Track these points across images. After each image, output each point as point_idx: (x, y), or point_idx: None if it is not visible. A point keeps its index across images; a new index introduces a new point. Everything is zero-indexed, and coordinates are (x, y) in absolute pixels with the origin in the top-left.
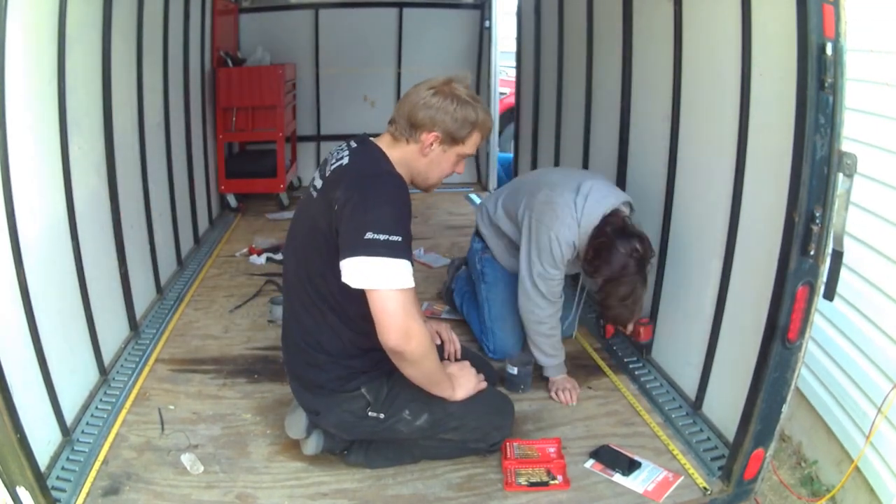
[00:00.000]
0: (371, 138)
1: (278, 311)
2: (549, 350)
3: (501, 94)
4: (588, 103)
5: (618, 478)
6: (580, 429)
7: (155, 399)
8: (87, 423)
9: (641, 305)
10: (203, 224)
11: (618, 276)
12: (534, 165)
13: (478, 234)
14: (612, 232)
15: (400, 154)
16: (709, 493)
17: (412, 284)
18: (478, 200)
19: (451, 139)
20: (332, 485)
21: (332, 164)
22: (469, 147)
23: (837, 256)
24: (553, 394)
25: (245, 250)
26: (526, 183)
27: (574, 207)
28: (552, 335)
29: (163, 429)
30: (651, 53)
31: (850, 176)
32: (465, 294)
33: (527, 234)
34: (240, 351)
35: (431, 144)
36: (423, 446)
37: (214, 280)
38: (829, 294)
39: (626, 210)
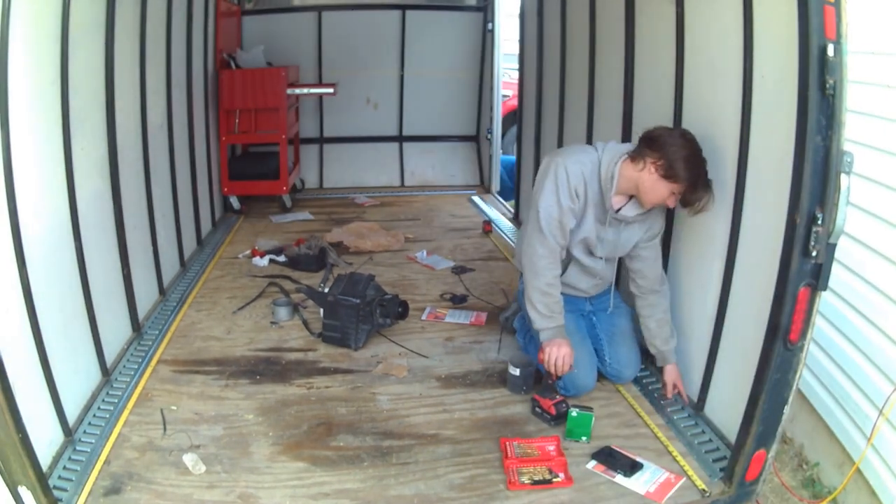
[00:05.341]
0: None
1: (281, 312)
2: (544, 309)
3: (504, 96)
4: (591, 105)
5: (620, 479)
6: None
7: (157, 400)
8: (89, 424)
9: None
10: (206, 226)
11: (694, 159)
12: (536, 168)
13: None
14: (658, 135)
15: None
16: (707, 494)
17: None
18: (480, 202)
19: None
20: (333, 485)
21: None
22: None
23: (831, 248)
24: (542, 362)
25: (248, 252)
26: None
27: (594, 150)
28: (549, 293)
29: (165, 429)
30: (653, 55)
31: (847, 174)
32: (527, 333)
33: (539, 179)
34: (242, 352)
35: None
36: None
37: (217, 282)
38: (823, 284)
39: None
